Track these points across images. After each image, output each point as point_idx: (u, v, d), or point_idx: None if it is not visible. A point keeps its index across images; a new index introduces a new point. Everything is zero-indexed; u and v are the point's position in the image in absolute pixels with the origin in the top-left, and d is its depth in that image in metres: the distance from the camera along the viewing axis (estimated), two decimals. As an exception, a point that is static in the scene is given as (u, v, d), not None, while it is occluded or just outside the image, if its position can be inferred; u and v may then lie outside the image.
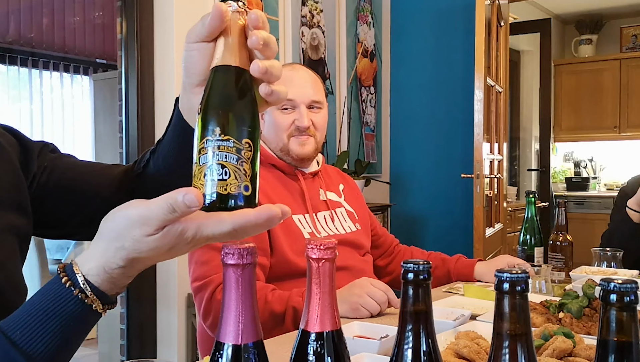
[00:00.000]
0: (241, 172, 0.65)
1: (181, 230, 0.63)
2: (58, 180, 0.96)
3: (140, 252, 0.64)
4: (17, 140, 0.95)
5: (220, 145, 0.65)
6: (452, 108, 4.16)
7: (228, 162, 0.65)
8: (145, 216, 0.63)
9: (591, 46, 6.69)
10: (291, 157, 1.68)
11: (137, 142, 2.87)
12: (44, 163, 0.96)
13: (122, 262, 0.65)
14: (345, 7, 3.93)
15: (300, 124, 1.65)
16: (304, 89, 1.67)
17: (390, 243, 1.93)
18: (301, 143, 1.66)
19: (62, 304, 0.65)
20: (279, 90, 0.71)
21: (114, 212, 0.66)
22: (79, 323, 0.66)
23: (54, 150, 1.01)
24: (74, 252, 4.17)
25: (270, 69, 0.68)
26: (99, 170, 1.00)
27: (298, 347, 0.62)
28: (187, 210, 0.62)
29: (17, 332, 0.64)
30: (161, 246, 0.64)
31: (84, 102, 6.05)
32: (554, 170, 6.56)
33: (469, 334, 1.09)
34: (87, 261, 0.67)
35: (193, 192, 0.61)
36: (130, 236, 0.64)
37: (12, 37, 5.42)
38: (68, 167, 0.98)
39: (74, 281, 0.66)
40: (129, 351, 2.92)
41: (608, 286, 0.56)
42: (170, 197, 0.61)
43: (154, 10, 2.93)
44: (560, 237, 1.89)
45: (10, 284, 0.88)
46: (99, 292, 0.66)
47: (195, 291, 1.48)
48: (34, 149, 0.96)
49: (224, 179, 0.65)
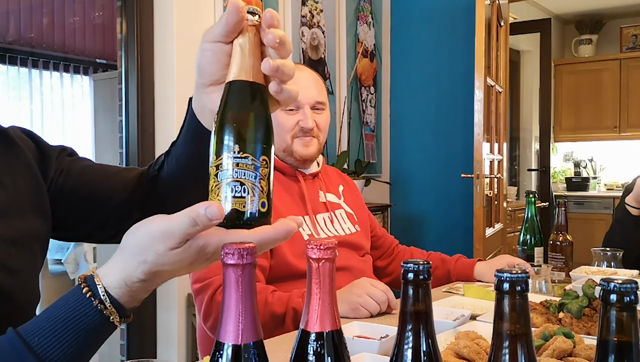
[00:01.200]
0: (258, 189, 0.66)
1: (202, 245, 0.65)
2: (74, 184, 0.97)
3: (163, 265, 0.65)
4: (35, 145, 0.97)
5: (239, 162, 0.66)
6: (452, 108, 4.16)
7: (246, 179, 0.66)
8: (168, 231, 0.64)
9: (591, 46, 6.69)
10: (294, 158, 1.67)
11: (137, 142, 2.87)
12: (60, 167, 0.97)
13: (143, 276, 0.66)
14: (345, 7, 3.93)
15: (305, 125, 1.64)
16: (308, 90, 1.66)
17: (389, 244, 1.93)
18: (305, 144, 1.66)
19: (81, 314, 0.66)
20: (289, 89, 0.70)
21: (136, 228, 0.67)
22: (95, 334, 0.67)
23: (71, 154, 1.02)
24: (74, 252, 4.17)
25: (281, 67, 0.68)
26: (114, 175, 1.00)
27: (298, 347, 0.62)
28: (209, 223, 0.63)
29: (35, 339, 0.65)
30: (183, 260, 0.65)
31: (84, 102, 6.05)
32: (554, 170, 6.56)
33: (469, 334, 1.09)
34: (108, 274, 0.68)
35: (215, 205, 0.63)
36: (153, 250, 0.65)
37: (12, 37, 5.42)
38: (84, 171, 0.99)
39: (95, 291, 0.67)
40: (129, 351, 2.93)
41: (608, 286, 0.56)
42: (192, 211, 0.63)
43: (154, 10, 2.93)
44: (560, 237, 1.89)
45: (24, 292, 0.89)
46: (117, 305, 0.67)
47: (195, 293, 1.48)
48: (52, 153, 0.98)
49: (242, 196, 0.66)
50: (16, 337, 0.65)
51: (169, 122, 2.90)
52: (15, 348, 0.65)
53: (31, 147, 0.95)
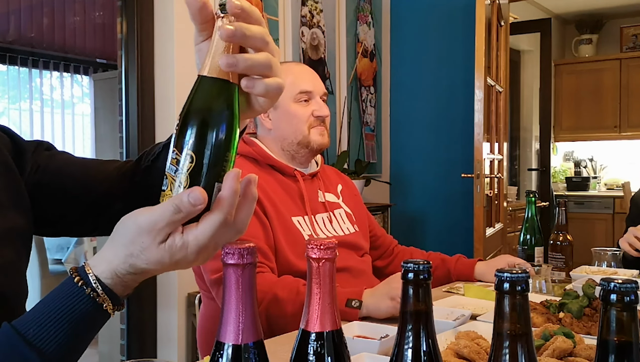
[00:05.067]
0: (176, 184, 0.66)
1: (181, 245, 0.65)
2: (52, 177, 0.96)
3: (148, 263, 0.66)
4: (10, 140, 0.96)
5: (171, 157, 0.66)
6: (452, 108, 4.16)
7: (169, 173, 0.66)
8: (153, 220, 0.64)
9: (591, 46, 6.69)
10: (309, 148, 1.70)
11: (137, 142, 2.87)
12: (37, 162, 0.96)
13: (131, 269, 0.67)
14: (345, 7, 3.93)
15: (321, 113, 1.68)
16: (318, 81, 1.72)
17: (389, 244, 1.93)
18: (321, 133, 1.70)
19: (75, 303, 0.67)
20: (266, 82, 0.67)
21: (125, 219, 0.67)
22: (89, 322, 0.68)
23: (49, 148, 1.01)
24: (74, 252, 4.17)
25: (242, 62, 0.64)
26: (93, 167, 1.00)
27: (298, 347, 0.62)
28: (192, 208, 0.63)
29: (30, 331, 0.65)
30: (163, 259, 0.65)
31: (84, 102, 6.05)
32: (554, 170, 6.56)
33: (469, 334, 1.09)
34: (99, 263, 0.68)
35: (197, 190, 0.63)
36: (139, 242, 0.65)
37: (13, 37, 5.42)
38: (62, 164, 0.98)
39: (86, 280, 0.67)
40: (129, 351, 2.92)
41: (608, 286, 0.56)
42: (176, 198, 0.63)
43: (154, 10, 2.93)
44: (561, 237, 1.89)
45: (12, 287, 0.88)
46: (110, 292, 0.68)
47: (212, 283, 1.49)
48: (28, 148, 0.97)
49: (164, 190, 0.67)
50: (11, 330, 0.66)
51: (169, 122, 2.90)
52: (11, 341, 0.65)
53: (7, 142, 0.94)
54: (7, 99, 5.56)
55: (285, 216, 1.59)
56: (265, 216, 1.54)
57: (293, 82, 1.66)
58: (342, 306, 1.37)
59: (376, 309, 1.35)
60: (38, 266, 3.87)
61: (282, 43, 3.42)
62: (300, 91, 1.67)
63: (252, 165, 1.66)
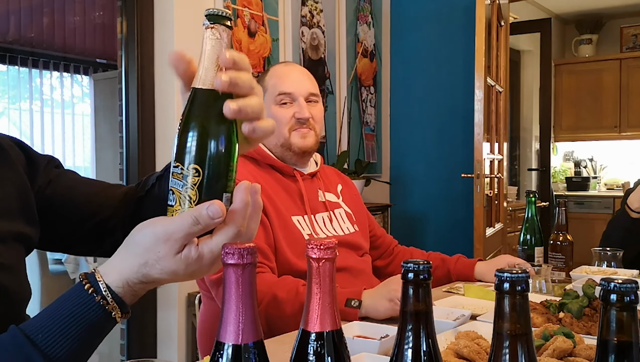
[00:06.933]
0: (185, 198, 0.67)
1: (197, 256, 0.67)
2: (61, 195, 0.98)
3: (162, 272, 0.67)
4: (23, 153, 0.97)
5: (174, 171, 0.68)
6: (452, 108, 4.16)
7: (175, 188, 0.67)
8: (170, 230, 0.66)
9: (591, 46, 6.69)
10: (293, 152, 1.67)
11: (137, 142, 2.87)
12: (49, 177, 0.98)
13: (144, 279, 0.68)
14: (345, 7, 3.93)
15: (301, 116, 1.66)
16: (301, 82, 1.68)
17: (389, 244, 1.93)
18: (302, 136, 1.67)
19: (84, 310, 0.67)
20: (263, 126, 0.71)
21: (141, 227, 0.68)
22: (97, 329, 0.68)
23: (58, 166, 1.03)
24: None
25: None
26: (100, 190, 1.02)
27: (298, 347, 0.62)
28: (211, 221, 0.65)
29: (39, 336, 0.66)
30: (178, 269, 0.67)
31: (84, 102, 6.05)
32: (554, 170, 6.56)
33: (469, 334, 1.09)
34: (110, 272, 0.69)
35: (217, 203, 0.65)
36: (155, 251, 0.66)
37: (13, 37, 5.41)
38: (71, 183, 1.00)
39: (97, 288, 0.68)
40: (129, 351, 2.92)
41: (608, 286, 0.56)
42: (195, 210, 0.65)
43: (154, 10, 2.93)
44: (561, 237, 1.89)
45: (18, 287, 0.89)
46: (119, 301, 0.68)
47: (212, 283, 1.49)
48: (41, 162, 0.98)
49: (171, 205, 0.68)
50: (20, 335, 0.66)
51: (169, 122, 2.90)
52: (20, 345, 0.65)
53: (19, 155, 0.96)
54: (7, 99, 5.56)
55: (285, 216, 1.58)
56: (265, 215, 1.54)
57: (274, 85, 1.66)
58: (342, 306, 1.37)
59: (374, 310, 1.35)
60: (38, 266, 3.87)
61: (282, 43, 3.42)
62: (280, 93, 1.65)
63: (252, 165, 1.66)
